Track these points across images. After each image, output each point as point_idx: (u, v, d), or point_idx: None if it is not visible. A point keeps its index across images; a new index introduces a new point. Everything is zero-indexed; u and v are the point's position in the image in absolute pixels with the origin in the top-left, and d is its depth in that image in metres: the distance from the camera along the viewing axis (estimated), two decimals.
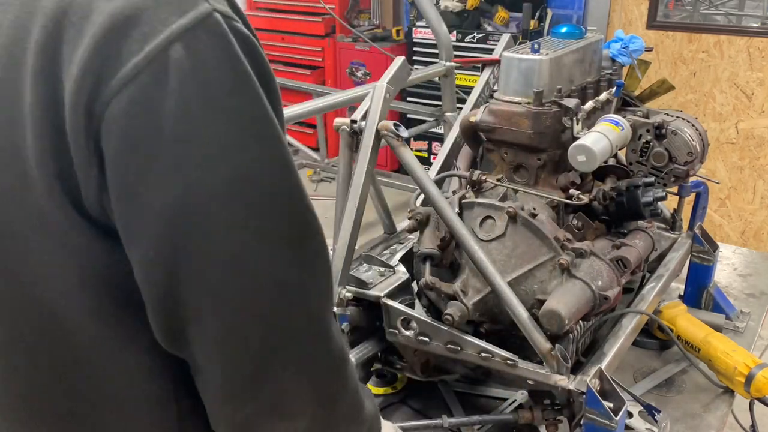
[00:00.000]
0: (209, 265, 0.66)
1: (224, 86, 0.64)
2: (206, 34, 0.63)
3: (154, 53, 0.61)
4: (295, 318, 0.71)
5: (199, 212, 0.64)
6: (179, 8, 0.62)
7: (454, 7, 4.65)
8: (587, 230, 1.49)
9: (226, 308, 0.68)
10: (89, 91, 0.61)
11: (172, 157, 0.63)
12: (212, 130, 0.64)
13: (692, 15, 4.59)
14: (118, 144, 0.62)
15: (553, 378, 1.31)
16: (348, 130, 1.54)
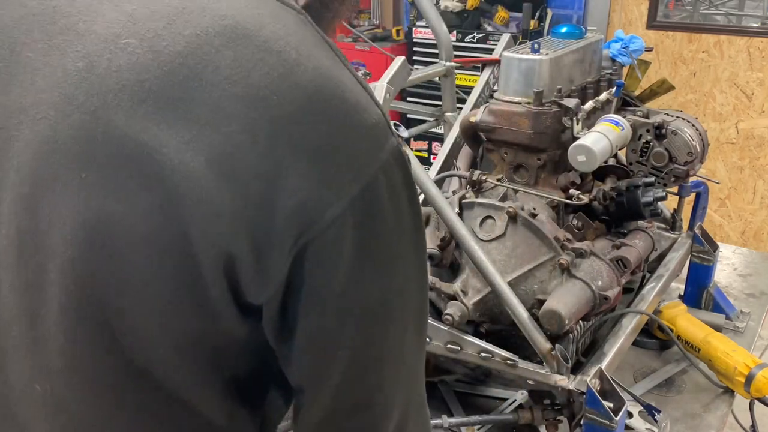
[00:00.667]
0: (383, 362, 0.75)
1: (407, 210, 0.72)
2: (396, 164, 0.69)
3: (368, 185, 0.66)
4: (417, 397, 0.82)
5: (377, 314, 0.72)
6: (380, 143, 0.68)
7: (454, 7, 4.65)
8: (587, 230, 1.49)
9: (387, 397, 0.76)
10: (302, 217, 0.64)
11: (363, 269, 0.69)
12: (392, 250, 0.71)
13: (692, 15, 4.59)
14: (320, 266, 0.66)
15: (553, 378, 1.31)
16: None
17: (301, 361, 0.72)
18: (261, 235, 0.64)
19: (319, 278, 0.67)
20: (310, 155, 0.64)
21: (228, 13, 0.66)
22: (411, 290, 0.75)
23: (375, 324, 0.72)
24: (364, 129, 0.67)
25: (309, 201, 0.64)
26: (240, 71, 0.63)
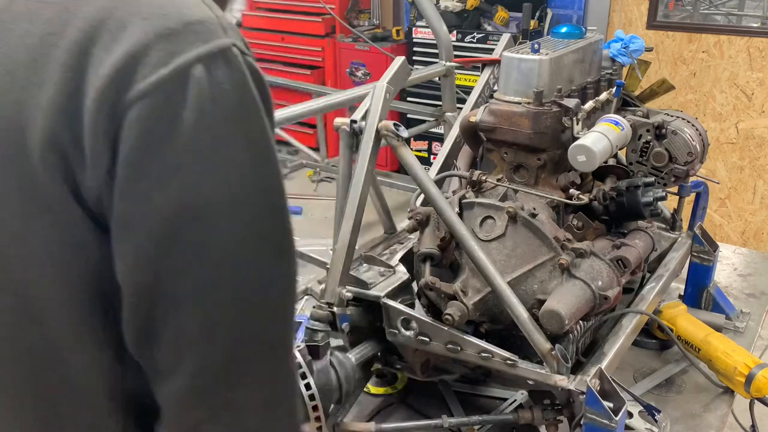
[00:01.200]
0: (198, 266, 0.72)
1: (235, 110, 0.73)
2: (225, 62, 0.72)
3: (178, 69, 0.69)
4: (265, 331, 0.77)
5: (196, 215, 0.71)
6: (204, 37, 0.71)
7: (454, 7, 4.65)
8: (587, 230, 1.49)
9: (204, 311, 0.73)
10: (115, 93, 0.69)
11: (182, 161, 0.70)
12: (221, 146, 0.72)
13: (692, 15, 4.59)
14: (134, 144, 0.69)
15: (553, 378, 1.31)
16: (348, 130, 1.54)
17: (117, 253, 0.72)
18: (75, 123, 0.70)
19: (126, 157, 0.69)
20: (119, 38, 0.70)
21: None
22: (245, 195, 0.73)
23: (170, 225, 0.70)
24: (180, 20, 0.71)
25: (114, 80, 0.69)
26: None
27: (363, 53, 5.09)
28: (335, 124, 1.57)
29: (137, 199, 0.70)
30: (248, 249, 0.74)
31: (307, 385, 1.25)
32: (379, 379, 1.69)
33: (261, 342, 0.77)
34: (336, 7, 5.07)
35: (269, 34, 5.46)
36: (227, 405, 0.76)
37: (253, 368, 0.77)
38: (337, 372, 1.37)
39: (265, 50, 5.54)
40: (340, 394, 1.38)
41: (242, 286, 0.74)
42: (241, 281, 0.74)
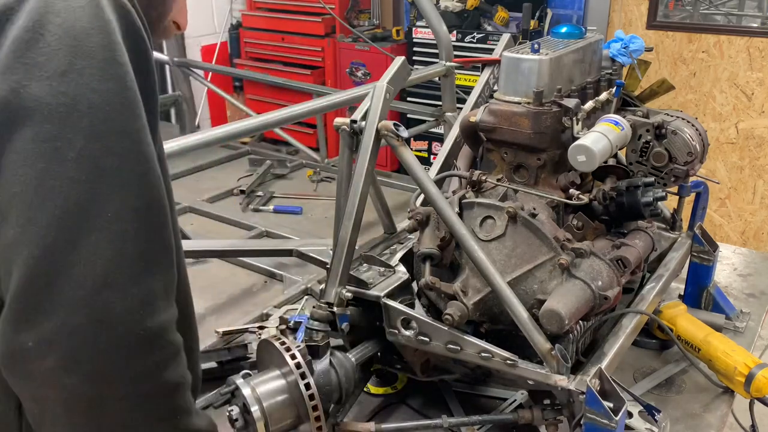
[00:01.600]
0: (17, 165, 0.74)
1: (90, 48, 0.75)
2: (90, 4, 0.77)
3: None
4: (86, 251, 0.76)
5: (19, 114, 0.74)
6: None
7: (454, 7, 4.65)
8: (587, 230, 1.49)
9: (25, 214, 0.74)
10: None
11: (12, 65, 0.74)
12: (65, 77, 0.74)
13: (692, 15, 4.59)
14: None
15: (553, 378, 1.31)
16: (348, 130, 1.54)
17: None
18: None
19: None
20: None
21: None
22: (72, 139, 0.74)
23: (8, 119, 0.74)
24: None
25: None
26: None
27: (363, 53, 5.09)
28: (335, 124, 1.57)
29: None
30: (76, 150, 0.75)
31: (307, 385, 1.25)
32: (379, 379, 1.69)
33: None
34: (336, 7, 5.07)
35: (269, 34, 5.46)
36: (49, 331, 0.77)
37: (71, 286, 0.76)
38: (337, 372, 1.37)
39: (265, 50, 5.54)
40: (340, 394, 1.38)
41: (57, 188, 0.75)
42: (55, 181, 0.75)
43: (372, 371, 1.59)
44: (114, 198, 0.77)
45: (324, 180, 3.09)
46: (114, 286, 0.77)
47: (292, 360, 1.27)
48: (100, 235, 0.76)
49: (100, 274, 0.76)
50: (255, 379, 1.28)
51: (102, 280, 0.76)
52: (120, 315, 0.77)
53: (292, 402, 1.26)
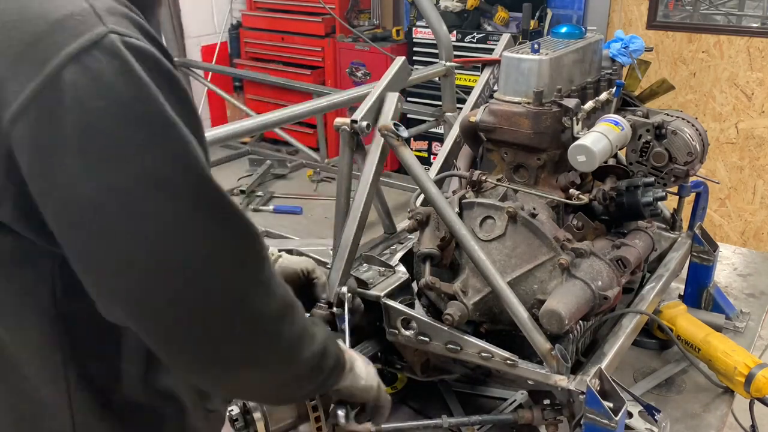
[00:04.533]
0: (129, 249, 0.75)
1: (123, 99, 0.72)
2: (102, 52, 0.70)
3: (49, 77, 0.69)
4: (207, 287, 0.80)
5: (112, 207, 0.73)
6: (74, 33, 0.70)
7: (454, 7, 4.65)
8: (587, 230, 1.49)
9: (144, 280, 0.76)
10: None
11: (77, 162, 0.71)
12: (112, 137, 0.72)
13: (692, 15, 4.59)
14: (29, 158, 0.71)
15: (553, 378, 1.31)
16: (348, 130, 1.54)
17: (63, 243, 0.77)
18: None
19: (29, 173, 0.72)
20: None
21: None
22: (144, 190, 0.74)
23: (102, 222, 0.73)
24: (45, 22, 0.70)
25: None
26: None
27: (363, 53, 5.09)
28: (335, 124, 1.57)
29: (51, 205, 0.73)
30: (167, 221, 0.75)
31: None
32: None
33: (204, 292, 0.80)
34: (336, 7, 5.07)
35: (269, 34, 5.46)
36: (203, 346, 0.83)
37: (206, 316, 0.81)
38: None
39: (265, 50, 5.54)
40: None
41: (170, 254, 0.77)
42: (168, 251, 0.77)
43: None
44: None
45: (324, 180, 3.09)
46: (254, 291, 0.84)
47: None
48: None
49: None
50: None
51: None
52: (268, 315, 0.87)
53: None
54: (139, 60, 0.72)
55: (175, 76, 0.77)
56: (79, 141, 0.70)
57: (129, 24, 0.74)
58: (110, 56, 0.71)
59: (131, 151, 0.72)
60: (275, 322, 0.88)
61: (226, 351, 0.84)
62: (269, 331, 0.88)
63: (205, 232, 0.78)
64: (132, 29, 0.74)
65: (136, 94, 0.72)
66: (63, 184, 0.72)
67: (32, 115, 0.69)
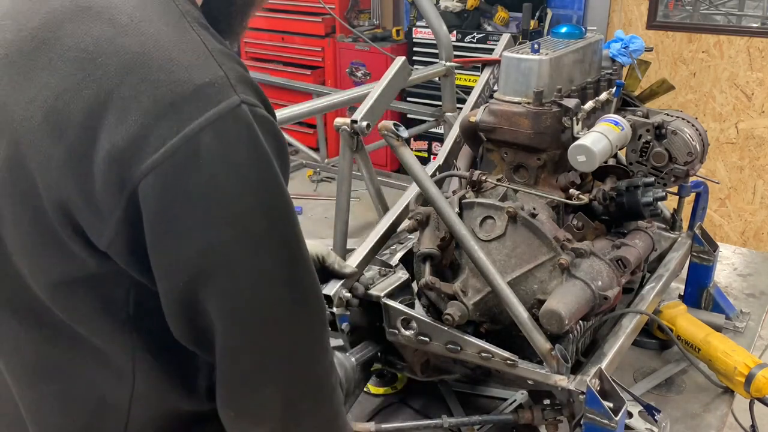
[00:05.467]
0: (223, 302, 0.81)
1: (245, 165, 0.78)
2: (234, 122, 0.77)
3: (188, 137, 0.74)
4: (282, 345, 0.87)
5: (216, 261, 0.79)
6: (214, 99, 0.76)
7: (454, 7, 4.65)
8: (587, 230, 1.49)
9: (231, 334, 0.83)
10: (128, 163, 0.74)
11: (197, 219, 0.77)
12: (230, 201, 0.78)
13: (692, 15, 4.59)
14: (154, 209, 0.76)
15: (553, 378, 1.31)
16: (348, 130, 1.54)
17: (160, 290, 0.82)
18: (85, 181, 0.76)
19: (150, 220, 0.77)
20: (132, 106, 0.74)
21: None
22: (245, 252, 0.80)
23: (204, 268, 0.79)
24: (189, 86, 0.75)
25: (128, 146, 0.74)
26: (75, 38, 0.78)
27: (363, 53, 5.09)
28: (335, 124, 1.57)
29: (164, 254, 0.79)
30: (263, 283, 0.82)
31: None
32: (379, 379, 1.69)
33: (279, 354, 0.87)
34: (336, 7, 5.07)
35: (269, 34, 5.46)
36: (253, 405, 0.89)
37: (273, 377, 0.88)
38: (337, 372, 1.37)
39: (265, 50, 5.54)
40: None
41: (260, 314, 0.83)
42: (260, 310, 0.83)
43: (372, 371, 1.59)
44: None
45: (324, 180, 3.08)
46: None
47: None
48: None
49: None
50: None
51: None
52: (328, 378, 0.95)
53: None
54: (261, 129, 0.79)
55: (283, 141, 0.84)
56: (200, 198, 0.76)
57: (251, 91, 0.80)
58: (241, 125, 0.77)
59: (242, 211, 0.78)
60: (331, 385, 0.96)
61: (287, 409, 0.90)
62: (327, 392, 0.95)
63: (288, 290, 0.85)
64: (254, 96, 0.80)
65: (256, 164, 0.78)
66: (178, 235, 0.77)
67: (165, 169, 0.74)
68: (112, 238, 0.79)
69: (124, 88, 0.75)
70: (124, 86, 0.75)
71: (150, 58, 0.76)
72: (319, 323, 0.91)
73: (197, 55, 0.78)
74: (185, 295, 0.80)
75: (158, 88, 0.75)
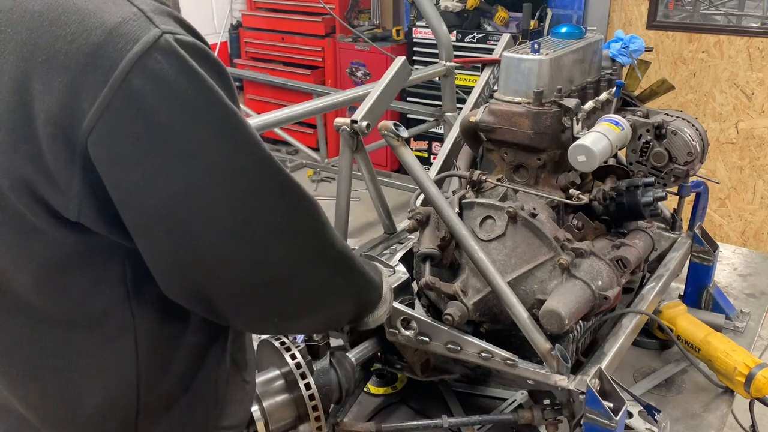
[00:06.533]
0: (208, 237, 0.80)
1: (186, 95, 0.75)
2: (161, 54, 0.73)
3: (117, 83, 0.71)
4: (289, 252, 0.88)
5: (188, 200, 0.77)
6: (132, 38, 0.72)
7: (454, 7, 4.65)
8: (587, 230, 1.49)
9: (225, 267, 0.83)
10: (67, 124, 0.72)
11: (156, 165, 0.75)
12: (182, 135, 0.75)
13: (692, 15, 4.59)
14: (108, 164, 0.74)
15: (553, 378, 1.31)
16: (348, 130, 1.54)
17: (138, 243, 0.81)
18: (35, 157, 0.74)
19: (109, 178, 0.75)
20: (53, 68, 0.72)
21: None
22: (218, 179, 0.78)
23: (179, 214, 0.78)
24: (103, 30, 0.72)
25: (63, 110, 0.72)
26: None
27: (363, 53, 5.09)
28: (335, 124, 1.57)
29: (133, 208, 0.77)
30: (242, 204, 0.81)
31: (307, 385, 1.25)
32: (379, 379, 1.69)
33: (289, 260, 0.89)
34: (336, 7, 5.07)
35: (269, 34, 5.47)
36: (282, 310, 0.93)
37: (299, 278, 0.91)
38: (337, 372, 1.37)
39: (265, 50, 5.54)
40: (340, 394, 1.38)
41: (248, 233, 0.83)
42: (246, 230, 0.82)
43: (372, 371, 1.59)
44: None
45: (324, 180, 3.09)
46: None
47: (292, 360, 1.27)
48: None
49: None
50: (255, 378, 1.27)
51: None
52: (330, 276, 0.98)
53: (292, 402, 1.26)
54: (192, 56, 0.76)
55: (220, 63, 0.81)
56: (152, 144, 0.73)
57: (172, 21, 0.77)
58: (168, 57, 0.73)
59: (201, 145, 0.76)
60: (342, 286, 1.00)
61: (301, 302, 0.94)
62: (335, 291, 0.99)
63: (272, 205, 0.84)
64: (176, 26, 0.76)
65: (197, 91, 0.76)
66: (141, 188, 0.75)
67: (106, 123, 0.72)
68: (79, 207, 0.77)
69: (39, 52, 0.72)
70: (39, 50, 0.73)
71: (56, 14, 0.73)
72: (312, 222, 0.90)
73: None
74: (169, 248, 0.79)
75: (72, 42, 0.72)
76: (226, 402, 1.02)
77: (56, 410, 0.92)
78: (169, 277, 0.83)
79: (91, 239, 0.81)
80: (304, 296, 0.93)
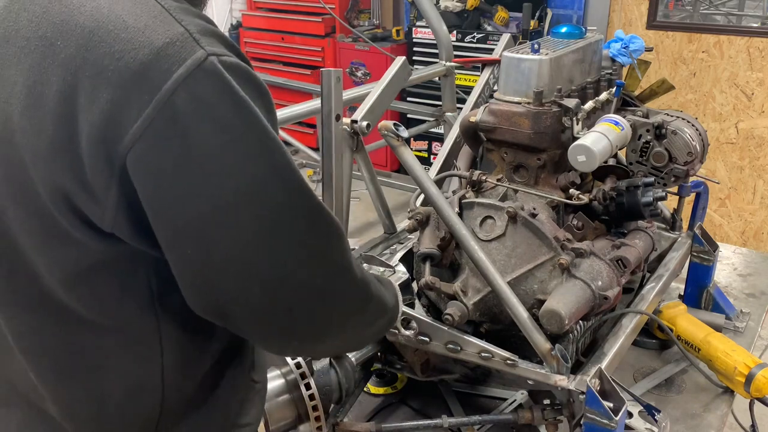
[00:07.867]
0: (234, 258, 0.81)
1: (226, 117, 0.76)
2: (205, 76, 0.75)
3: (162, 102, 0.73)
4: (316, 279, 0.88)
5: (219, 219, 0.78)
6: (178, 59, 0.74)
7: (454, 7, 4.65)
8: (587, 230, 1.49)
9: (250, 288, 0.83)
10: (109, 139, 0.74)
11: (191, 184, 0.76)
12: (220, 157, 0.76)
13: (692, 15, 4.59)
14: (144, 180, 0.76)
15: (553, 378, 1.31)
16: (348, 130, 1.54)
17: (170, 258, 0.83)
18: (75, 167, 0.76)
19: (145, 193, 0.77)
20: (100, 84, 0.74)
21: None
22: (248, 201, 0.79)
23: (209, 232, 0.79)
24: (151, 50, 0.74)
25: (106, 125, 0.74)
26: (32, 28, 0.79)
27: (363, 53, 5.09)
28: None
29: (166, 222, 0.78)
30: (272, 228, 0.81)
31: (307, 385, 1.25)
32: (379, 379, 1.69)
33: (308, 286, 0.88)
34: (336, 7, 5.07)
35: (269, 34, 5.46)
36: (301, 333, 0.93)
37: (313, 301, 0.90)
38: (337, 372, 1.37)
39: (265, 50, 5.54)
40: (340, 394, 1.38)
41: (271, 256, 0.83)
42: (270, 253, 0.83)
43: (372, 371, 1.59)
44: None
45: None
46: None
47: (292, 360, 1.27)
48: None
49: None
50: None
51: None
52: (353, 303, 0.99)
53: (292, 402, 1.27)
54: (236, 77, 0.77)
55: (262, 85, 0.82)
56: (187, 164, 0.75)
57: (217, 42, 0.78)
58: (212, 79, 0.75)
59: (234, 168, 0.77)
60: (360, 313, 0.99)
61: (319, 331, 0.94)
62: (353, 317, 0.99)
63: (300, 230, 0.84)
64: (221, 47, 0.78)
65: (236, 113, 0.77)
66: (174, 205, 0.77)
67: (147, 141, 0.74)
68: (114, 219, 0.79)
69: (87, 67, 0.74)
70: (88, 65, 0.74)
71: (105, 31, 0.75)
72: (339, 254, 0.91)
73: (152, 17, 0.76)
74: (195, 265, 0.81)
75: (120, 59, 0.74)
76: (243, 400, 1.04)
77: (81, 408, 0.94)
78: (194, 293, 0.84)
79: (120, 247, 0.82)
80: (325, 321, 0.93)
